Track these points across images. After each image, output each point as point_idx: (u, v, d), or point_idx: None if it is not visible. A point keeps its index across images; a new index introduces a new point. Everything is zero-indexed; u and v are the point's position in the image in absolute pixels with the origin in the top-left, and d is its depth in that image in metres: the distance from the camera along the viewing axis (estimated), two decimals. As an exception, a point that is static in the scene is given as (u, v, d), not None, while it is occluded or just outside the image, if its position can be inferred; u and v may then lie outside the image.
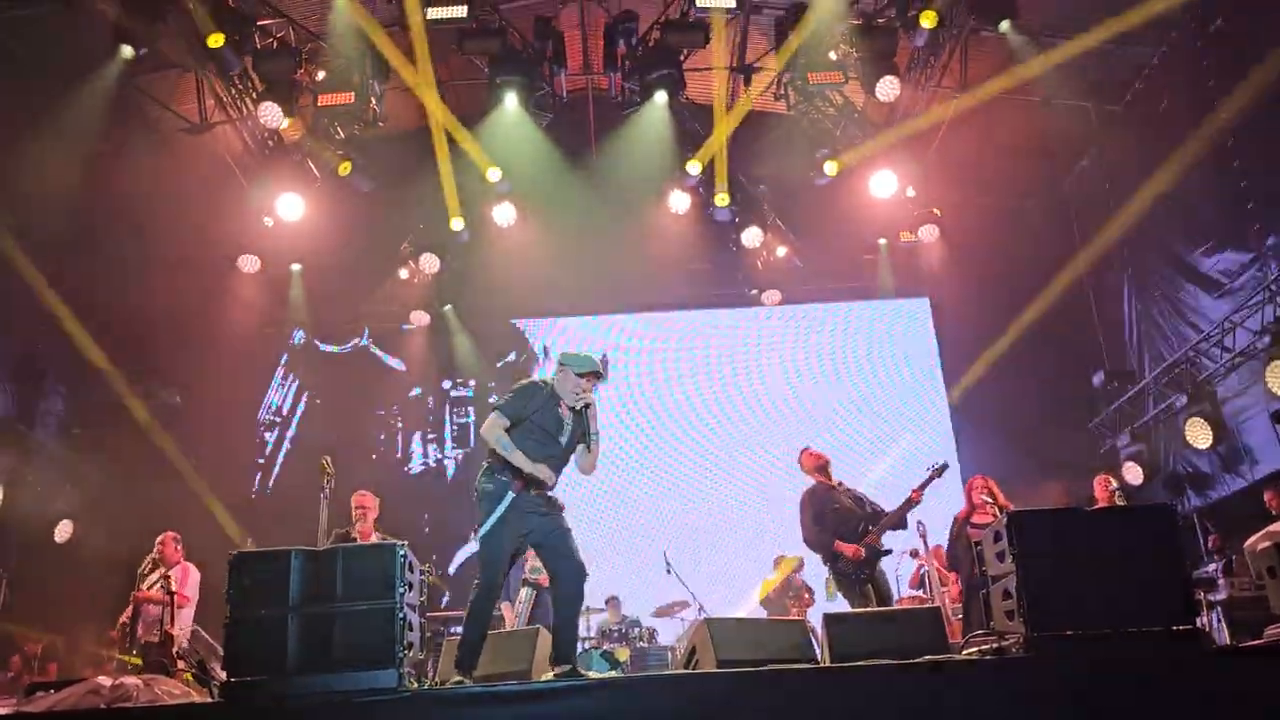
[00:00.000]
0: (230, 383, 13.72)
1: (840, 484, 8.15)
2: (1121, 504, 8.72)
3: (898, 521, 7.93)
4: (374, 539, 7.92)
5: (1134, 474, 11.30)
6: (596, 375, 5.42)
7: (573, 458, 5.52)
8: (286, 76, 10.99)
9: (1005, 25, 10.58)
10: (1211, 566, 9.22)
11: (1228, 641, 7.26)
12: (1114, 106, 11.74)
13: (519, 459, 5.14)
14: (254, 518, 12.61)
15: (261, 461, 14.11)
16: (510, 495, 5.13)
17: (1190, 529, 10.93)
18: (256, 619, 4.58)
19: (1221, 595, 7.85)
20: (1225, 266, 10.63)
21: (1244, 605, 7.51)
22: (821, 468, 8.15)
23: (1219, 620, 7.71)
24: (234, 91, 11.57)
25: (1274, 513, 9.08)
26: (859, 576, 7.68)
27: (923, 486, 7.87)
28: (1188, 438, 10.68)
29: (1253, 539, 5.04)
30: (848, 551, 7.63)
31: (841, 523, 7.83)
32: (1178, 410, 11.09)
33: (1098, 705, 4.21)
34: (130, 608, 8.29)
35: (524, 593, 8.53)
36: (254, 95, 11.34)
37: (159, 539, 8.60)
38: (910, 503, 7.85)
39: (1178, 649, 4.52)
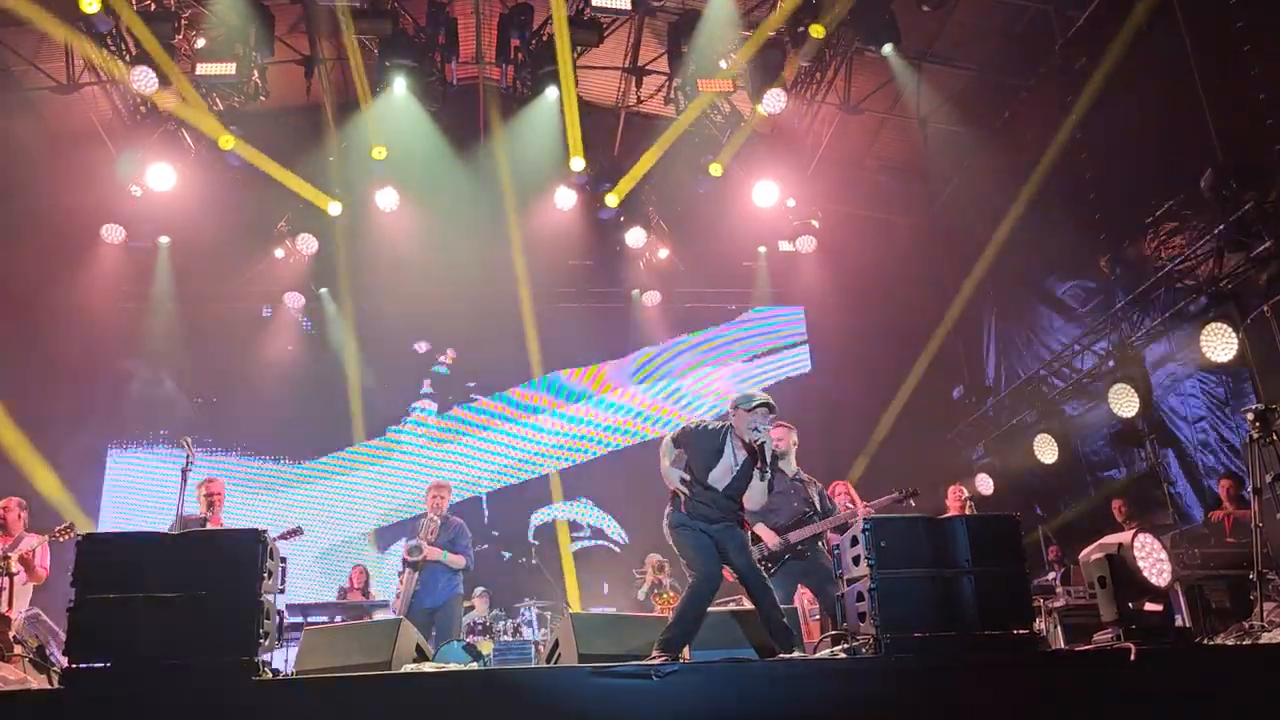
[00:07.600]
0: (88, 356, 13.12)
1: (797, 474, 7.29)
2: (972, 513, 9.11)
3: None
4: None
5: (985, 484, 11.82)
6: (767, 407, 5.40)
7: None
8: (163, 41, 10.53)
9: (888, 49, 10.92)
10: (1050, 575, 9.76)
11: (1062, 645, 7.69)
12: (984, 133, 12.26)
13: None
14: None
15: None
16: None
17: (1034, 538, 11.53)
18: (104, 603, 4.38)
19: (1059, 602, 8.31)
20: (1077, 293, 11.27)
21: (1078, 612, 7.98)
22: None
23: (1056, 625, 8.16)
24: (106, 53, 11.02)
25: (1120, 521, 9.62)
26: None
27: (879, 505, 7.61)
28: (1035, 452, 11.27)
29: (1086, 550, 5.35)
30: (765, 539, 6.87)
31: (770, 511, 6.94)
32: (1028, 425, 11.67)
33: (941, 702, 4.43)
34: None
35: (407, 574, 8.35)
36: (127, 58, 10.83)
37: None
38: (847, 518, 7.12)
39: (1016, 651, 4.78)
